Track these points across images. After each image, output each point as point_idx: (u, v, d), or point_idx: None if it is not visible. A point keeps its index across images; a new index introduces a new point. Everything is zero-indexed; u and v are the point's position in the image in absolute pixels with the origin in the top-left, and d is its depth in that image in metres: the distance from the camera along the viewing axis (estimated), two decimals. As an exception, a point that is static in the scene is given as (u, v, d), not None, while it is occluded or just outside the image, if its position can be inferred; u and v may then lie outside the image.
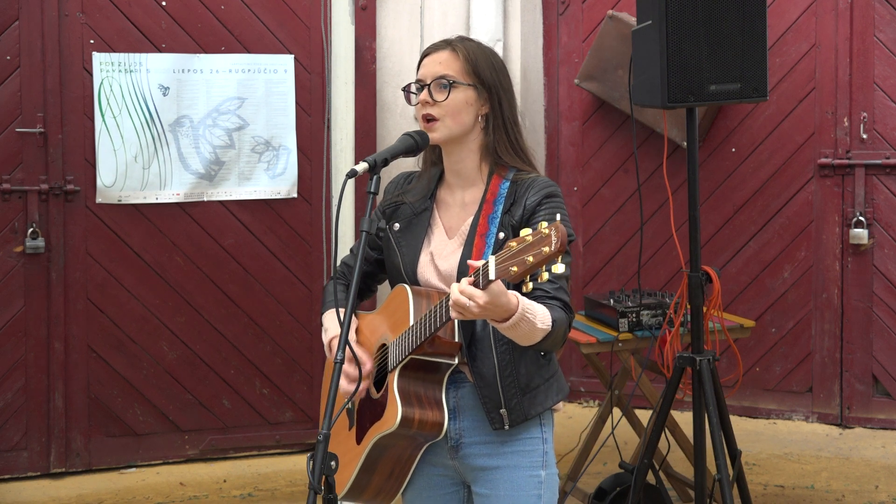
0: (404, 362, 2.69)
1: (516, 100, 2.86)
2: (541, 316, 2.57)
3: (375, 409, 2.77)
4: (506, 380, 2.72)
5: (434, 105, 2.75)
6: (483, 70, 2.77)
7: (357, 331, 2.93)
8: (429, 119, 2.76)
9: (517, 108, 2.84)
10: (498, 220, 2.73)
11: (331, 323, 2.91)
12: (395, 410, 2.66)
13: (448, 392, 2.75)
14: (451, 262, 2.77)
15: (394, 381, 2.69)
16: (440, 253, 2.80)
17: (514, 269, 2.35)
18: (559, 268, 2.34)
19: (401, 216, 2.87)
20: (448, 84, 2.74)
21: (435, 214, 2.85)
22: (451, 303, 2.48)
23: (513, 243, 2.38)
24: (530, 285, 2.61)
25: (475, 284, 2.45)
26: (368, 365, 2.81)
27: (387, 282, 2.99)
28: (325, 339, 2.91)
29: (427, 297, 2.73)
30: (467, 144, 2.80)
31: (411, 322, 2.68)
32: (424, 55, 2.82)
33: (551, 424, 2.84)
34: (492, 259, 2.41)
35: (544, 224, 2.34)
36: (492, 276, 2.40)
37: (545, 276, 2.36)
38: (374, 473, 2.78)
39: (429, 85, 2.76)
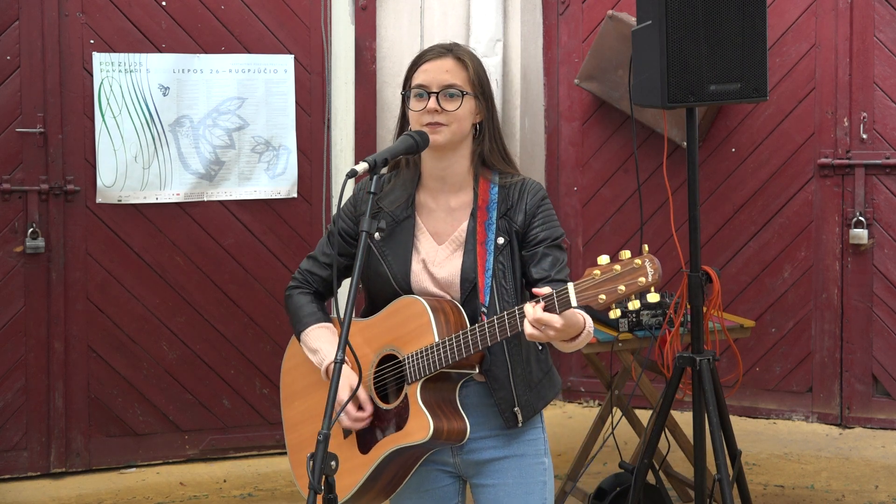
0: (430, 376, 2.70)
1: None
2: (590, 322, 2.65)
3: (387, 420, 2.76)
4: (517, 378, 2.77)
5: (442, 113, 2.76)
6: (483, 81, 2.83)
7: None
8: (434, 124, 2.77)
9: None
10: (494, 225, 2.77)
11: (322, 344, 2.84)
12: (426, 424, 2.67)
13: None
14: (448, 270, 2.78)
15: (416, 393, 2.70)
16: (433, 260, 2.80)
17: (603, 297, 2.43)
18: (655, 297, 2.43)
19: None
20: (461, 94, 2.77)
21: (418, 221, 2.84)
22: (528, 332, 2.51)
23: (596, 272, 2.45)
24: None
25: (549, 311, 2.49)
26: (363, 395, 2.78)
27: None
28: (321, 362, 2.82)
29: (442, 310, 2.73)
30: (461, 150, 2.83)
31: (436, 337, 2.68)
32: (424, 61, 2.81)
33: (542, 413, 2.93)
34: (571, 286, 2.47)
35: (626, 253, 2.43)
36: (573, 303, 2.47)
37: (637, 303, 2.45)
38: (379, 480, 2.78)
39: (437, 93, 2.77)
